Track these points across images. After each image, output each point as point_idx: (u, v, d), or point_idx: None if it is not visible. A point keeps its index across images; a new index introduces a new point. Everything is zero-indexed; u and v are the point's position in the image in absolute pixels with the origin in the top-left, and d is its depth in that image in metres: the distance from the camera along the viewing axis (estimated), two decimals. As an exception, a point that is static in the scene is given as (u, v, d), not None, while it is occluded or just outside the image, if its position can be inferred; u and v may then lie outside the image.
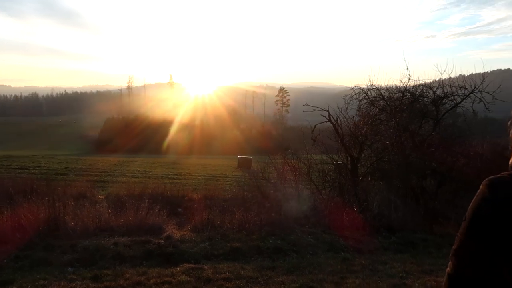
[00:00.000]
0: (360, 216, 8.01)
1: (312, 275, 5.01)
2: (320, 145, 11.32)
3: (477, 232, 1.19)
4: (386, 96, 11.90)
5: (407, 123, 11.25)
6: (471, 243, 1.22)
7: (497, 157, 11.81)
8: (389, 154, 10.10)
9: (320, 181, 10.71)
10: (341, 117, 10.50)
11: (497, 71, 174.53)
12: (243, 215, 7.27)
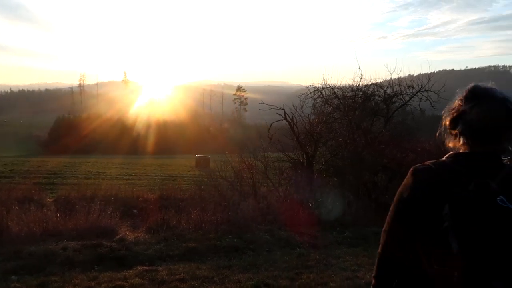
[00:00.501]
0: (315, 212, 8.20)
1: (268, 272, 5.05)
2: (276, 143, 11.46)
3: (399, 214, 1.36)
4: (340, 95, 12.25)
5: (359, 121, 11.64)
6: (395, 224, 1.37)
7: (443, 152, 12.50)
8: (343, 151, 10.39)
9: (277, 178, 10.84)
10: (296, 115, 10.68)
11: (443, 71, 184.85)
12: (199, 214, 7.20)
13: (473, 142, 1.41)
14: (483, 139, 1.39)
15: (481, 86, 1.48)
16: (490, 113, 1.39)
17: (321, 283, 4.71)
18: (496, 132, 1.40)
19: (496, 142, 1.39)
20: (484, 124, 1.39)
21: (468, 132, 1.41)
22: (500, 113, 1.39)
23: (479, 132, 1.39)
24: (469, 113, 1.41)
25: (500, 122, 1.39)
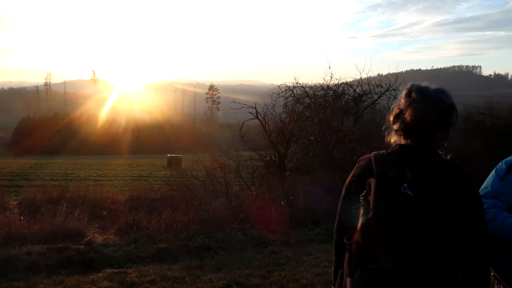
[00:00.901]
0: (287, 210, 8.26)
1: (240, 270, 5.05)
2: (249, 142, 11.48)
3: (342, 194, 1.67)
4: (311, 94, 12.42)
5: (330, 119, 11.83)
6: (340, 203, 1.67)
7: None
8: (314, 149, 10.53)
9: (249, 177, 10.85)
10: (268, 114, 10.73)
11: (410, 71, 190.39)
12: (170, 215, 7.11)
13: (407, 137, 1.57)
14: (415, 136, 1.55)
15: (417, 86, 1.59)
16: (421, 113, 1.53)
17: (293, 280, 4.75)
18: (427, 130, 1.54)
19: (428, 138, 1.54)
20: (416, 123, 1.53)
21: (403, 129, 1.58)
22: (431, 113, 1.53)
23: (412, 129, 1.55)
24: (405, 111, 1.57)
25: (431, 121, 1.53)
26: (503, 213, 2.10)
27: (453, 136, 1.61)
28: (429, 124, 1.52)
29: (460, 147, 13.94)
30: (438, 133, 1.54)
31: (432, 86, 1.59)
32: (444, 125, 1.54)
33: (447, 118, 1.54)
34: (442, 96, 1.56)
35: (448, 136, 1.58)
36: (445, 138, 1.57)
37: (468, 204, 1.42)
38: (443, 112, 1.53)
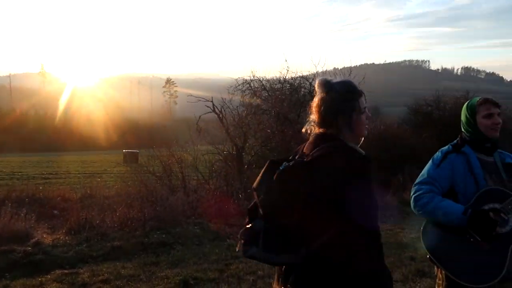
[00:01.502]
0: (245, 203, 8.28)
1: (197, 265, 5.00)
2: (206, 135, 11.36)
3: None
4: (268, 87, 12.47)
5: (287, 112, 11.96)
6: None
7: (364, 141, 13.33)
8: (271, 142, 10.60)
9: (207, 171, 10.76)
10: (225, 107, 10.66)
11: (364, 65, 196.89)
12: (125, 212, 6.91)
13: (317, 126, 1.75)
14: (321, 124, 1.73)
15: (320, 80, 1.77)
16: (320, 103, 1.73)
17: (250, 272, 4.78)
18: (326, 118, 1.71)
19: (330, 125, 1.70)
20: (318, 113, 1.72)
21: (313, 119, 1.77)
22: (326, 103, 1.70)
23: (318, 119, 1.74)
24: (312, 104, 1.78)
25: (327, 110, 1.70)
26: (436, 198, 2.24)
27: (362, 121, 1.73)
28: (326, 113, 1.69)
29: (410, 138, 14.62)
30: (339, 120, 1.68)
31: (337, 79, 1.76)
32: (342, 112, 1.68)
33: (342, 105, 1.69)
34: (338, 87, 1.72)
35: (351, 122, 1.70)
36: (349, 124, 1.69)
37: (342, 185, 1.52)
38: (335, 100, 1.68)
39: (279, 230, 1.54)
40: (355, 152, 1.66)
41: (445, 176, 2.32)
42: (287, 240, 1.54)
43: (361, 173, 1.59)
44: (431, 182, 2.31)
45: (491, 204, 2.19)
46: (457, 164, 2.33)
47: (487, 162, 2.34)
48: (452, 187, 2.32)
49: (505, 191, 2.22)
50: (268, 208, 1.57)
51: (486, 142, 2.34)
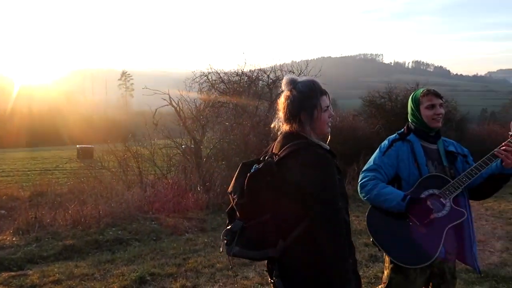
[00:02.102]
0: (204, 196, 8.23)
1: (154, 261, 4.92)
2: (163, 129, 11.13)
3: None
4: (226, 79, 12.40)
5: (245, 105, 11.96)
6: None
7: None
8: (230, 135, 10.58)
9: (165, 165, 10.58)
10: (182, 100, 10.49)
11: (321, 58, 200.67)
12: (78, 209, 6.65)
13: (282, 122, 1.86)
14: (285, 121, 1.84)
15: (288, 78, 1.87)
16: (285, 100, 1.83)
17: (208, 265, 4.76)
18: (290, 115, 1.81)
19: (294, 121, 1.80)
20: (282, 108, 1.84)
21: (280, 115, 1.88)
22: (292, 100, 1.81)
23: (282, 116, 1.85)
24: (278, 102, 1.89)
25: (292, 107, 1.80)
26: (380, 185, 2.35)
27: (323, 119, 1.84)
28: (290, 109, 1.81)
29: (365, 128, 15.10)
30: (302, 117, 1.80)
31: (302, 78, 1.87)
32: (304, 109, 1.79)
33: (304, 103, 1.79)
34: (302, 85, 1.83)
35: (313, 119, 1.81)
36: (310, 121, 1.80)
37: (308, 179, 1.67)
38: (298, 98, 1.79)
39: (256, 228, 1.70)
40: (320, 148, 1.77)
41: (391, 163, 2.41)
42: (265, 236, 1.69)
43: (326, 167, 1.71)
44: (376, 169, 2.41)
45: (431, 189, 2.31)
46: (402, 152, 2.43)
47: (431, 149, 2.46)
48: (397, 173, 2.42)
49: (444, 177, 2.34)
50: (243, 210, 1.73)
51: (430, 131, 2.46)
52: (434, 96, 2.42)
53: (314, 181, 1.67)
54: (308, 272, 1.71)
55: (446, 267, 2.42)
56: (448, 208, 2.27)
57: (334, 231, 1.66)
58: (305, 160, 1.70)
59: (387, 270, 2.46)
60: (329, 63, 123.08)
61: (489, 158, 2.26)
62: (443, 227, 2.25)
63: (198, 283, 4.22)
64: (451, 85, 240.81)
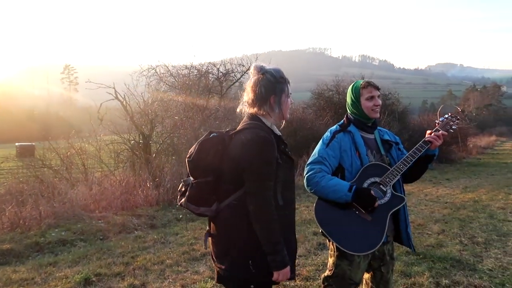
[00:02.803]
0: (154, 192, 8.05)
1: (101, 261, 4.74)
2: (110, 124, 10.71)
3: None
4: (174, 73, 12.16)
5: (195, 98, 11.81)
6: None
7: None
8: (179, 129, 10.39)
9: (113, 162, 10.21)
10: (129, 94, 10.14)
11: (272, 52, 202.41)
12: (16, 210, 6.25)
13: (248, 106, 2.06)
14: (252, 103, 2.03)
15: (257, 65, 2.04)
16: (256, 83, 2.00)
17: (158, 262, 4.68)
18: (260, 97, 1.99)
19: (261, 104, 2.01)
20: (252, 91, 2.01)
21: (246, 98, 2.07)
22: (264, 83, 1.98)
23: (251, 97, 2.03)
24: (248, 83, 2.06)
25: (264, 89, 1.98)
26: (326, 176, 2.39)
27: (288, 104, 2.07)
28: (261, 91, 1.98)
29: (314, 121, 15.45)
30: (271, 99, 2.00)
31: (269, 66, 2.05)
32: (274, 93, 1.99)
33: (276, 86, 1.99)
34: (273, 70, 2.01)
35: (281, 103, 2.02)
36: (279, 104, 2.02)
37: (243, 157, 1.89)
38: (271, 81, 1.98)
39: (199, 186, 1.96)
40: (266, 131, 1.95)
41: (334, 154, 2.48)
42: (204, 196, 1.97)
43: (261, 148, 1.88)
44: (321, 162, 2.45)
45: (373, 178, 2.41)
46: (344, 143, 2.50)
47: (369, 139, 2.57)
48: (340, 164, 2.50)
49: (383, 165, 2.46)
50: (190, 168, 1.99)
51: (368, 121, 2.56)
52: (373, 88, 2.52)
53: (248, 159, 1.87)
54: (234, 237, 1.94)
55: (386, 249, 2.55)
56: (389, 195, 2.38)
57: (260, 206, 1.86)
58: (246, 138, 1.90)
59: (332, 258, 2.54)
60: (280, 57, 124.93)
61: (421, 145, 2.41)
62: (386, 213, 2.36)
63: (147, 281, 4.13)
64: (395, 78, 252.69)
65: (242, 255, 1.93)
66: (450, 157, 18.61)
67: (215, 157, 1.95)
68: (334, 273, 2.50)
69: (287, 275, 1.93)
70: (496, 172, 14.33)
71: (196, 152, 1.96)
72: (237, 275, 1.95)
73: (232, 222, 1.95)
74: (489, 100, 65.18)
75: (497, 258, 4.80)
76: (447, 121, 2.50)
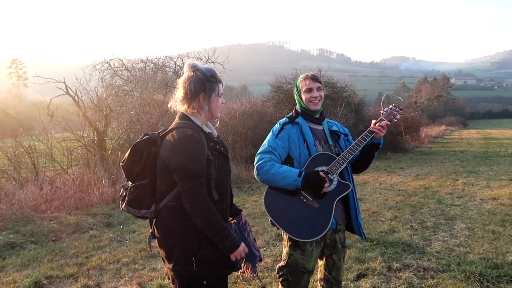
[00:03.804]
0: (110, 190, 7.81)
1: (53, 263, 4.56)
2: (61, 121, 10.24)
3: None
4: (129, 66, 11.82)
5: (152, 92, 11.54)
6: None
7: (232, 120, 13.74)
8: (136, 124, 10.13)
9: (66, 160, 9.78)
10: (81, 89, 9.74)
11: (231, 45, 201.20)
12: (-42, 214, 5.86)
13: (180, 102, 2.07)
14: (183, 99, 2.05)
15: (190, 62, 2.06)
16: (187, 79, 2.03)
17: (114, 261, 4.56)
18: (190, 94, 2.02)
19: (191, 101, 2.03)
20: (183, 87, 2.04)
21: (178, 95, 2.08)
22: (195, 80, 2.01)
23: (182, 93, 2.04)
24: (180, 79, 2.09)
25: (194, 86, 2.01)
26: (276, 165, 2.46)
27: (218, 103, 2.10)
28: (191, 88, 2.01)
29: (273, 114, 15.57)
30: (201, 97, 2.03)
31: (203, 65, 2.08)
32: (204, 91, 2.02)
33: (205, 84, 2.02)
34: (204, 69, 2.04)
35: (210, 101, 2.05)
36: (208, 102, 2.04)
37: (172, 157, 1.92)
38: (201, 79, 2.01)
39: (137, 190, 2.00)
40: (190, 129, 1.96)
41: (283, 145, 2.54)
42: (143, 198, 2.00)
43: (187, 147, 1.91)
44: (271, 151, 2.51)
45: (320, 166, 2.47)
46: (292, 134, 2.57)
47: (317, 130, 2.63)
48: (289, 154, 2.56)
49: (331, 154, 2.52)
50: (125, 172, 2.02)
51: (312, 113, 2.62)
52: (311, 80, 2.58)
53: (176, 158, 1.91)
54: (175, 237, 1.97)
55: (337, 237, 2.63)
56: (336, 182, 2.45)
57: (195, 203, 1.89)
58: (174, 138, 1.94)
59: (286, 248, 2.59)
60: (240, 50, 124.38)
61: (366, 135, 2.49)
62: (333, 200, 2.43)
63: (101, 281, 4.02)
64: (352, 71, 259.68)
65: (185, 254, 1.95)
66: (404, 146, 19.43)
67: (148, 159, 1.98)
68: (287, 262, 2.56)
69: (242, 252, 2.03)
70: (445, 160, 15.12)
71: (129, 156, 1.99)
72: (185, 272, 1.98)
73: (171, 222, 1.97)
74: (439, 92, 68.56)
75: (444, 240, 5.09)
76: (391, 111, 2.59)
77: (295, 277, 2.54)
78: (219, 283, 2.07)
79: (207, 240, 1.95)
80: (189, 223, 1.93)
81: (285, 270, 2.57)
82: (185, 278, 2.00)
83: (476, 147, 20.72)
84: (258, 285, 3.78)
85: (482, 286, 3.68)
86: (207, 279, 1.99)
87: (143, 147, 1.98)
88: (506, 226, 5.69)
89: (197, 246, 1.94)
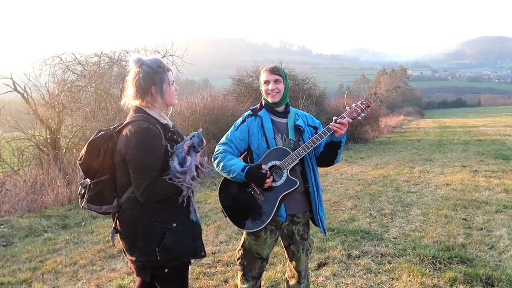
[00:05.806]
0: (65, 190, 7.50)
1: (4, 269, 4.31)
2: (9, 119, 9.68)
3: None
4: (83, 60, 11.34)
5: (108, 88, 11.15)
6: None
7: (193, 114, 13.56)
8: (92, 121, 9.76)
9: (16, 160, 9.28)
10: (30, 85, 9.24)
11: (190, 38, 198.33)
12: None
13: (132, 98, 2.08)
14: (135, 96, 2.05)
15: (134, 57, 2.03)
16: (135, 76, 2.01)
17: (70, 264, 4.38)
18: (141, 89, 2.01)
19: (143, 96, 2.04)
20: (133, 84, 2.03)
21: (129, 91, 2.09)
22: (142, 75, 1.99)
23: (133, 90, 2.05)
24: (128, 76, 2.09)
25: (143, 81, 2.00)
26: (228, 156, 2.53)
27: (172, 91, 2.10)
28: (141, 83, 1.99)
29: (235, 107, 15.51)
30: (152, 90, 2.01)
31: (148, 57, 2.06)
32: (154, 83, 2.00)
33: (154, 77, 2.00)
34: (150, 62, 2.02)
35: (163, 92, 2.04)
36: (161, 93, 2.03)
37: (127, 151, 1.92)
38: (148, 73, 1.99)
39: (97, 186, 2.01)
40: (145, 122, 1.95)
41: (242, 137, 2.58)
42: (104, 194, 2.01)
43: (143, 139, 1.90)
44: (227, 143, 2.57)
45: (274, 161, 2.48)
46: (252, 126, 2.58)
47: (280, 123, 2.61)
48: (249, 146, 2.57)
49: (287, 150, 2.50)
50: (83, 170, 2.02)
51: (273, 105, 2.60)
52: (269, 72, 2.57)
53: (130, 151, 1.91)
54: (138, 228, 1.97)
55: (295, 230, 2.64)
56: (284, 178, 2.46)
57: (146, 194, 1.90)
58: (130, 131, 1.93)
59: (244, 234, 2.67)
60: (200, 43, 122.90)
61: (324, 132, 2.45)
62: (279, 195, 2.45)
63: (57, 285, 3.85)
64: (313, 63, 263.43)
65: (148, 244, 1.97)
66: (364, 137, 19.97)
67: (106, 154, 1.99)
68: (242, 246, 2.67)
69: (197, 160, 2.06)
70: (403, 149, 15.68)
71: (86, 153, 1.99)
72: (148, 263, 2.00)
73: (133, 214, 2.00)
74: (397, 83, 70.90)
75: (401, 226, 5.27)
76: (355, 109, 2.51)
77: (250, 262, 2.64)
78: (181, 271, 2.10)
79: (169, 230, 1.97)
80: (152, 213, 1.95)
81: (241, 253, 2.67)
82: (149, 268, 2.02)
83: (432, 136, 21.63)
84: (220, 280, 3.75)
85: (435, 268, 3.85)
86: (169, 268, 2.02)
87: (100, 143, 1.97)
88: (457, 210, 5.98)
89: (159, 236, 1.96)
